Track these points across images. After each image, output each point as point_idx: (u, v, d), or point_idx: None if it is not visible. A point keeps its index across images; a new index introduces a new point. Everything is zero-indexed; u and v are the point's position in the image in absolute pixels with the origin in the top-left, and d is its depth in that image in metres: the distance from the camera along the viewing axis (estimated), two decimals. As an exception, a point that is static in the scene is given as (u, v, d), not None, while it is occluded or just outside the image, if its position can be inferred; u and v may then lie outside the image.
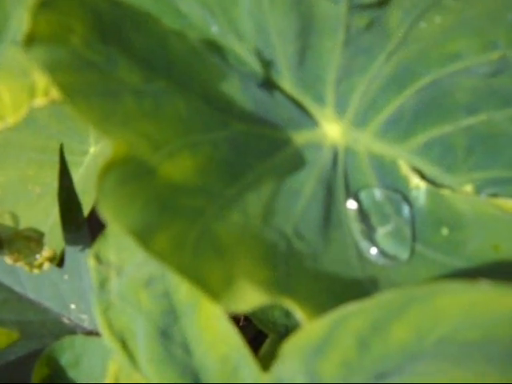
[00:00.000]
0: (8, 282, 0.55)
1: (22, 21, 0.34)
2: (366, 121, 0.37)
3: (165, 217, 0.27)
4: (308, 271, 0.32)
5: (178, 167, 0.29)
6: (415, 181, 0.36)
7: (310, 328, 0.26)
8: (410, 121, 0.37)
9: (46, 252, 0.50)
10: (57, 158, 0.73)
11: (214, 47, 0.34)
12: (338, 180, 0.36)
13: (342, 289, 0.32)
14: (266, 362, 0.29)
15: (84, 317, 0.54)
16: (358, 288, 0.33)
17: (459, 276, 0.33)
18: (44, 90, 0.28)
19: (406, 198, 0.36)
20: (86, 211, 0.57)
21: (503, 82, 0.34)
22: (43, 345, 0.51)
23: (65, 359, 0.48)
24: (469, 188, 0.36)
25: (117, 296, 0.34)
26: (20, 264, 0.49)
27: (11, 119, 0.28)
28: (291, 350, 0.27)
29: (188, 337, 0.31)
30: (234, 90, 0.34)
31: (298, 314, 0.27)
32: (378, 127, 0.37)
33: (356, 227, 0.36)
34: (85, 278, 0.54)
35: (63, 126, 0.71)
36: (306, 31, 0.36)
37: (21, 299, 0.55)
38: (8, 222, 0.63)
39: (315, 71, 0.37)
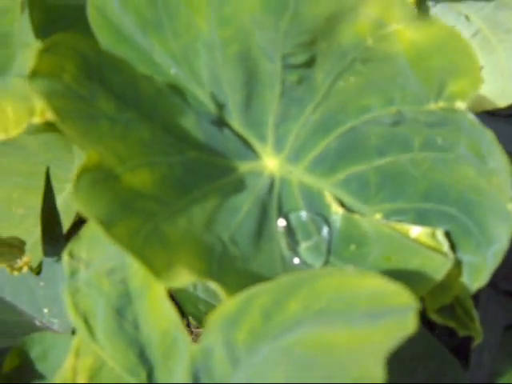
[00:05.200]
0: (-12, 286, 0.62)
1: (25, 59, 0.43)
2: (298, 158, 0.45)
3: (124, 213, 0.35)
4: (237, 270, 0.40)
5: (138, 178, 0.37)
6: (335, 208, 0.44)
7: (227, 304, 0.33)
8: (334, 160, 0.45)
9: (26, 258, 0.57)
10: (41, 183, 0.80)
11: (177, 90, 0.43)
12: (272, 202, 0.44)
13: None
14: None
15: (55, 321, 0.61)
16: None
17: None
18: (41, 112, 0.37)
19: (327, 221, 0.44)
20: (65, 228, 0.65)
21: (403, 131, 0.42)
22: (15, 343, 0.57)
23: (34, 352, 0.54)
24: (379, 216, 0.44)
25: (83, 283, 0.41)
26: (2, 266, 0.56)
27: (13, 132, 0.36)
28: (213, 323, 0.34)
29: (138, 316, 0.39)
30: (190, 124, 0.43)
31: (221, 293, 0.35)
32: (308, 163, 0.45)
33: (283, 241, 0.44)
34: (59, 285, 0.61)
35: (50, 155, 0.79)
36: (251, 82, 0.43)
37: (-1, 301, 0.62)
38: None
39: (258, 115, 0.44)
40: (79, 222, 0.74)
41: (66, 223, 0.68)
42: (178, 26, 0.43)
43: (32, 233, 0.74)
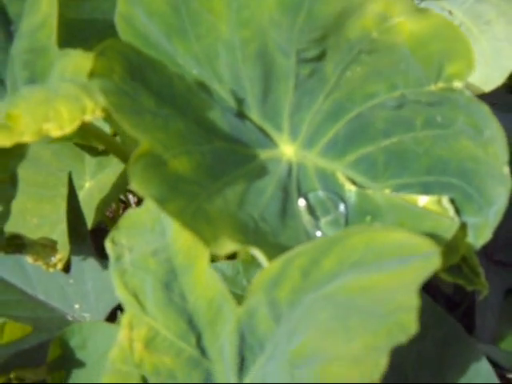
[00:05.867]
0: (22, 285, 0.66)
1: (64, 66, 0.47)
2: (312, 144, 0.49)
3: (172, 194, 0.39)
4: (269, 243, 0.44)
5: (180, 165, 0.42)
6: (348, 186, 0.48)
7: (269, 268, 0.38)
8: (344, 144, 0.49)
9: (59, 255, 0.61)
10: (54, 193, 0.84)
11: (203, 87, 0.48)
12: (292, 185, 0.49)
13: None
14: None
15: (86, 315, 0.65)
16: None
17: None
18: (92, 110, 0.41)
19: (342, 198, 0.48)
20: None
21: (405, 113, 0.47)
22: (51, 337, 0.61)
23: (74, 342, 0.58)
24: (387, 191, 0.48)
25: (129, 265, 0.46)
26: (38, 263, 0.60)
27: (68, 129, 0.41)
28: (257, 286, 0.39)
29: (184, 288, 0.43)
30: (217, 117, 0.48)
31: (262, 258, 0.39)
32: (321, 148, 0.49)
33: (305, 218, 0.49)
34: (87, 282, 0.65)
35: (62, 165, 0.82)
36: (268, 78, 0.48)
37: (33, 299, 0.65)
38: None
39: (275, 107, 0.49)
40: (98, 229, 0.78)
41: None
42: (200, 30, 0.48)
43: (48, 241, 0.77)
